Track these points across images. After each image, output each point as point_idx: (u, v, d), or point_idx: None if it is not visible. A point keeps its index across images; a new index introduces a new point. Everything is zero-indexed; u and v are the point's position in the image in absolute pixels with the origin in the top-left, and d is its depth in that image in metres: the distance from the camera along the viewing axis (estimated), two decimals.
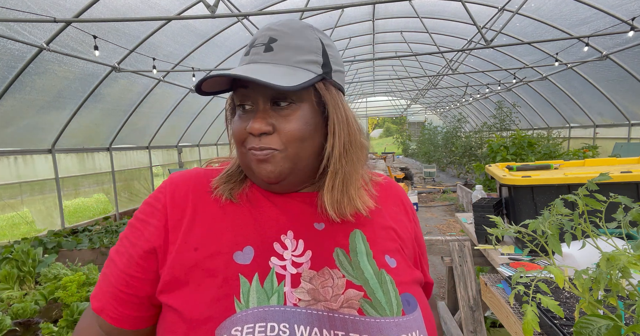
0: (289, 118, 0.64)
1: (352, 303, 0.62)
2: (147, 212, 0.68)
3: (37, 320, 2.06)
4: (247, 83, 0.64)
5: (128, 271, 0.66)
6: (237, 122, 0.67)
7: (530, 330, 0.58)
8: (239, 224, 0.67)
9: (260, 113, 0.64)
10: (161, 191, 0.70)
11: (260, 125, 0.63)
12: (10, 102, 4.96)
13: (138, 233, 0.67)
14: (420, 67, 11.73)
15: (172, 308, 0.62)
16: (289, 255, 0.65)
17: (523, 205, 1.75)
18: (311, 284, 0.63)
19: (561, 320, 0.96)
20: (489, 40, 5.79)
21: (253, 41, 0.67)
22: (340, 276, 0.64)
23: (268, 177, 0.65)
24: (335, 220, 0.69)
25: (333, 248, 0.67)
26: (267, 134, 0.64)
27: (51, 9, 4.49)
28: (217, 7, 4.31)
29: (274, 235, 0.67)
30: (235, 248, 0.64)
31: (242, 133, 0.66)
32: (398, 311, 0.63)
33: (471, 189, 3.44)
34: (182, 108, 8.71)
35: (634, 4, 5.26)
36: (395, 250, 0.72)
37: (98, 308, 0.66)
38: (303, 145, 0.65)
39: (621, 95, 7.17)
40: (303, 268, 0.64)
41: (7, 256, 3.12)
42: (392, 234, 0.74)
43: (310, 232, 0.68)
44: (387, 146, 30.44)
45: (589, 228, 0.65)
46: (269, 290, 0.61)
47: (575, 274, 0.61)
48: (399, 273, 0.69)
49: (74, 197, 6.69)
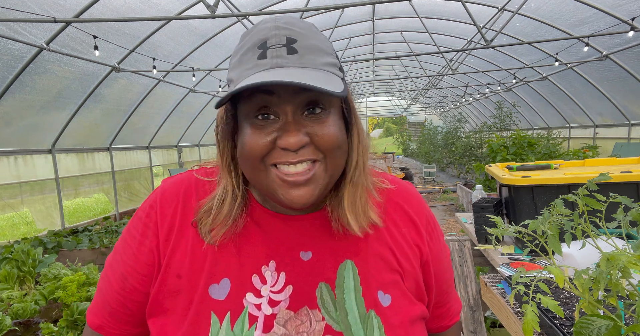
0: (324, 124, 0.57)
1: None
2: (140, 230, 0.65)
3: (37, 320, 2.06)
4: (272, 89, 0.55)
5: (123, 294, 0.64)
6: (252, 134, 0.56)
7: (530, 330, 0.58)
8: (220, 253, 0.62)
9: (292, 124, 0.55)
10: (152, 206, 0.66)
11: (296, 137, 0.54)
12: (10, 102, 4.96)
13: (131, 253, 0.64)
14: (420, 67, 11.73)
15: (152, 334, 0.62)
16: (266, 291, 0.60)
17: (523, 205, 1.75)
18: (285, 328, 0.58)
19: (561, 320, 0.96)
20: (489, 40, 5.79)
21: (263, 41, 0.56)
22: (319, 319, 0.59)
23: (304, 203, 0.56)
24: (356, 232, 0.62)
25: (317, 283, 0.61)
26: (303, 147, 0.55)
27: (51, 9, 4.49)
28: (217, 7, 4.31)
29: (255, 266, 0.62)
30: (211, 280, 0.60)
31: (263, 147, 0.55)
32: None
33: (471, 189, 3.44)
34: (182, 108, 8.71)
35: (634, 4, 5.26)
36: (392, 282, 0.64)
37: (95, 325, 0.66)
38: (339, 153, 0.59)
39: (621, 95, 7.17)
40: (280, 307, 0.59)
41: (7, 256, 3.12)
42: (391, 262, 0.65)
43: (295, 262, 0.62)
44: (387, 146, 30.41)
45: (589, 228, 0.65)
46: (238, 334, 0.57)
47: (575, 274, 0.61)
48: (393, 314, 0.62)
49: (74, 197, 6.69)
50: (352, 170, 0.62)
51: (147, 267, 0.63)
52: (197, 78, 7.72)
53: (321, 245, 0.64)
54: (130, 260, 0.64)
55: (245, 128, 0.58)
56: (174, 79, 7.54)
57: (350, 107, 0.63)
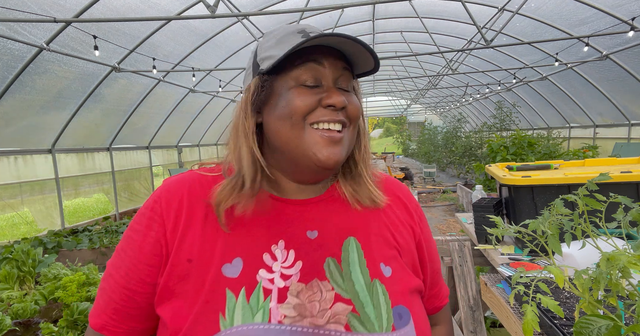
0: (352, 97, 0.69)
1: (340, 319, 0.61)
2: (144, 224, 0.66)
3: (37, 320, 2.06)
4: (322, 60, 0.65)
5: (129, 287, 0.64)
6: (300, 95, 0.64)
7: (530, 330, 0.58)
8: (230, 234, 0.65)
9: (336, 89, 0.66)
10: (156, 200, 0.68)
11: (341, 98, 0.64)
12: (10, 102, 4.96)
13: (136, 246, 0.65)
14: (420, 67, 11.73)
15: (163, 321, 0.62)
16: (278, 267, 0.64)
17: (523, 205, 1.75)
18: (298, 299, 0.62)
19: (561, 320, 0.96)
20: (489, 40, 5.79)
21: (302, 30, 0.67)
22: (329, 289, 0.63)
23: (336, 161, 0.65)
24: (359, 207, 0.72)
25: (324, 258, 0.66)
26: (343, 109, 0.66)
27: (51, 9, 4.49)
28: (217, 7, 4.31)
29: (265, 245, 0.65)
30: (224, 260, 0.63)
31: (310, 105, 0.64)
32: (388, 326, 0.62)
33: (471, 189, 3.44)
34: (182, 108, 8.71)
35: (634, 4, 5.26)
36: (392, 257, 0.70)
37: (98, 325, 0.65)
38: (357, 125, 0.70)
39: (621, 95, 7.17)
40: (291, 280, 0.63)
41: (7, 256, 3.12)
42: (389, 239, 0.72)
43: (303, 240, 0.67)
44: (387, 146, 30.42)
45: (589, 228, 0.65)
46: (254, 306, 0.60)
47: (575, 274, 0.61)
48: (394, 283, 0.67)
49: (74, 197, 6.69)
50: (359, 149, 0.73)
51: (154, 257, 0.64)
52: (197, 78, 7.72)
53: (325, 225, 0.69)
54: (135, 253, 0.65)
55: (287, 94, 0.65)
56: (174, 79, 7.54)
57: (358, 95, 0.73)
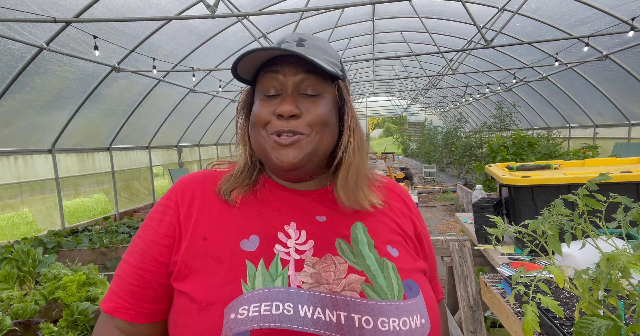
0: (316, 104, 0.69)
1: (354, 287, 0.64)
2: (160, 211, 0.72)
3: (37, 320, 2.06)
4: (279, 68, 0.68)
5: (142, 266, 0.68)
6: (259, 107, 0.70)
7: (530, 330, 0.58)
8: (244, 215, 0.71)
9: (289, 97, 0.68)
10: (172, 191, 0.74)
11: (290, 107, 0.66)
12: (10, 102, 4.96)
13: (152, 230, 0.70)
14: (420, 67, 11.73)
15: (185, 293, 0.64)
16: (292, 243, 0.68)
17: (523, 205, 1.75)
18: (314, 268, 0.66)
19: (561, 320, 0.96)
20: (489, 40, 5.79)
21: (281, 40, 0.72)
22: (342, 262, 0.67)
23: (289, 163, 0.67)
24: (347, 208, 0.73)
25: (335, 239, 0.70)
26: (295, 117, 0.67)
27: (51, 9, 4.49)
28: (217, 7, 4.31)
29: (278, 225, 0.70)
30: (241, 236, 0.67)
31: (266, 116, 0.68)
32: (399, 295, 0.65)
33: (471, 189, 3.44)
34: (182, 108, 8.71)
35: (634, 4, 5.26)
36: (398, 242, 0.74)
37: (111, 309, 0.67)
38: (325, 131, 0.70)
39: (621, 95, 7.17)
40: (306, 255, 0.67)
41: (7, 256, 3.11)
42: (394, 227, 0.76)
43: (313, 223, 0.71)
44: (387, 146, 30.41)
45: (589, 228, 0.65)
46: (273, 273, 0.64)
47: (575, 274, 0.61)
48: (402, 261, 0.71)
49: (74, 197, 6.69)
50: (342, 152, 0.73)
51: (167, 238, 0.68)
52: (197, 78, 7.72)
53: (333, 212, 0.74)
54: (151, 236, 0.70)
55: (256, 102, 0.71)
56: (174, 79, 7.53)
57: (344, 97, 0.74)
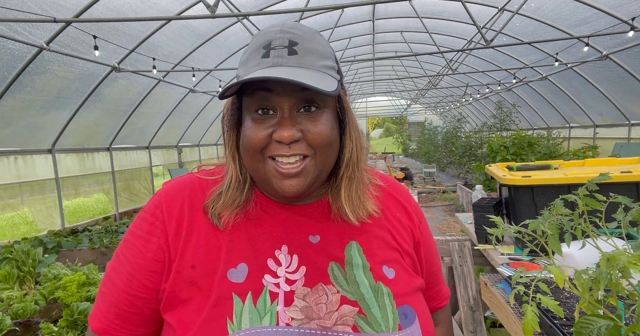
0: (317, 122, 0.62)
1: (347, 320, 0.61)
2: (145, 229, 0.66)
3: (37, 320, 2.06)
4: (272, 87, 0.60)
5: (130, 292, 0.64)
6: (252, 128, 0.62)
7: (530, 330, 0.58)
8: (234, 239, 0.66)
9: (287, 120, 0.60)
10: (157, 205, 0.67)
11: (290, 132, 0.59)
12: (10, 102, 4.96)
13: (137, 251, 0.65)
14: (420, 67, 11.73)
15: (171, 326, 0.62)
16: (282, 272, 0.64)
17: (523, 205, 1.75)
18: (305, 302, 0.62)
19: (561, 320, 0.96)
20: (489, 40, 5.79)
21: (268, 42, 0.62)
22: (334, 292, 0.63)
23: (294, 193, 0.62)
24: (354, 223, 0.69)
25: (328, 262, 0.66)
26: (296, 142, 0.61)
27: (51, 9, 4.49)
28: (217, 7, 4.31)
29: (268, 251, 0.65)
30: (229, 265, 0.63)
31: (262, 140, 0.61)
32: (394, 326, 0.62)
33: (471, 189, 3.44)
34: (182, 108, 8.71)
35: (634, 4, 5.26)
36: (394, 259, 0.70)
37: (100, 330, 0.65)
38: (329, 150, 0.64)
39: (621, 95, 7.17)
40: (297, 285, 0.63)
41: (7, 256, 3.11)
42: (390, 242, 0.72)
43: (305, 245, 0.67)
44: (387, 146, 30.40)
45: (589, 228, 0.65)
46: (261, 310, 0.60)
47: (575, 274, 0.61)
48: (398, 284, 0.68)
49: (74, 197, 6.69)
50: (345, 165, 0.69)
51: (156, 263, 0.64)
52: (197, 78, 7.72)
53: (327, 230, 0.69)
54: (136, 258, 0.65)
55: (247, 122, 0.63)
56: (174, 79, 7.53)
57: (345, 107, 0.69)
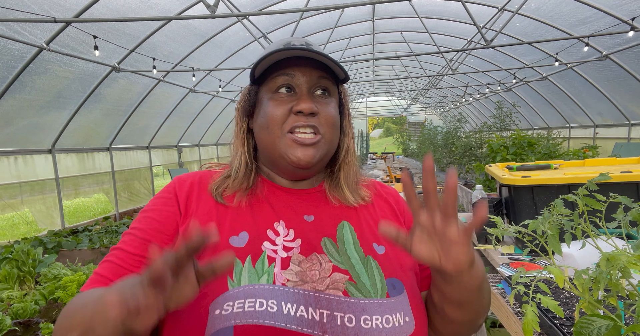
0: (328, 105, 0.74)
1: (338, 285, 0.66)
2: (159, 203, 0.73)
3: (37, 320, 2.06)
4: (293, 70, 0.71)
5: (139, 253, 0.67)
6: (274, 105, 0.72)
7: (530, 330, 0.58)
8: (237, 213, 0.73)
9: (306, 96, 0.71)
10: (170, 186, 0.77)
11: (310, 104, 0.70)
12: (10, 102, 4.96)
13: (150, 220, 0.71)
14: (420, 67, 11.73)
15: None
16: (280, 240, 0.70)
17: (523, 205, 1.75)
18: (299, 267, 0.67)
19: (561, 320, 0.96)
20: (489, 40, 5.79)
21: (288, 42, 0.74)
22: (327, 261, 0.69)
23: (308, 161, 0.70)
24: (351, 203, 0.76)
25: (321, 238, 0.72)
26: (313, 115, 0.71)
27: (51, 9, 4.49)
28: (217, 7, 4.31)
29: (268, 223, 0.72)
30: (231, 233, 0.69)
31: (283, 114, 0.71)
32: (382, 294, 0.66)
33: (471, 189, 3.44)
34: (182, 108, 8.70)
35: (634, 4, 5.26)
36: (384, 238, 0.75)
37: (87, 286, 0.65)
38: (334, 132, 0.74)
39: (621, 95, 7.16)
40: (293, 252, 0.69)
41: (7, 256, 3.11)
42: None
43: (301, 223, 0.73)
44: (387, 146, 30.42)
45: (589, 228, 0.65)
46: (259, 270, 0.65)
47: (575, 274, 0.61)
48: (387, 259, 0.72)
49: (74, 197, 6.68)
50: (344, 152, 0.78)
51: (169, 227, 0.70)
52: (197, 78, 7.72)
53: (321, 211, 0.76)
54: (152, 223, 0.70)
55: (266, 102, 0.73)
56: (174, 79, 7.53)
57: (344, 102, 0.80)
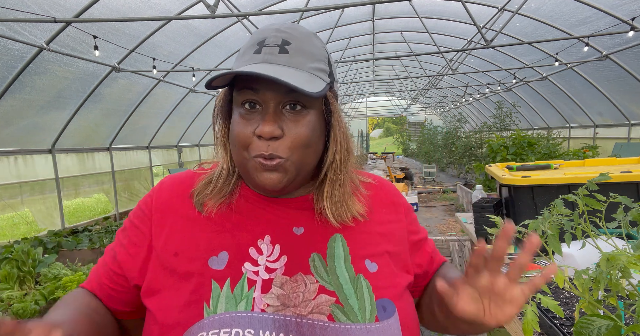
0: (298, 123, 0.63)
1: (323, 309, 0.61)
2: (138, 216, 0.72)
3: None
4: (258, 86, 0.62)
5: (112, 268, 0.71)
6: (240, 123, 0.64)
7: (530, 330, 0.58)
8: (217, 229, 0.67)
9: (270, 116, 0.62)
10: (150, 195, 0.73)
11: (271, 128, 0.61)
12: (10, 102, 4.95)
13: (126, 237, 0.72)
14: (420, 67, 11.72)
15: (150, 312, 0.64)
16: (263, 261, 0.65)
17: (523, 205, 1.75)
18: (282, 289, 0.63)
19: (561, 320, 0.96)
20: (489, 40, 5.79)
21: (262, 40, 0.64)
22: (313, 282, 0.64)
23: (273, 186, 0.64)
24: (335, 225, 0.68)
25: (310, 254, 0.66)
26: (276, 138, 0.62)
27: (51, 9, 4.49)
28: (217, 7, 4.31)
29: (251, 240, 0.67)
30: (210, 253, 0.65)
31: (247, 137, 0.63)
32: (371, 317, 0.62)
33: (471, 189, 3.44)
34: (182, 108, 8.70)
35: (634, 4, 5.26)
36: (378, 254, 0.70)
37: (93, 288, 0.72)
38: (307, 152, 0.65)
39: (621, 95, 7.16)
40: (276, 273, 0.64)
41: (7, 256, 3.11)
42: (376, 238, 0.72)
43: (288, 236, 0.68)
44: (387, 146, 30.42)
45: (589, 228, 0.66)
46: (238, 296, 0.61)
47: (575, 274, 0.61)
48: (379, 278, 0.67)
49: (74, 197, 6.68)
50: (327, 167, 0.69)
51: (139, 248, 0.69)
52: (197, 78, 7.72)
53: (312, 222, 0.70)
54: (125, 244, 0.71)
55: (235, 116, 0.65)
56: (174, 79, 7.53)
57: (332, 110, 0.68)
